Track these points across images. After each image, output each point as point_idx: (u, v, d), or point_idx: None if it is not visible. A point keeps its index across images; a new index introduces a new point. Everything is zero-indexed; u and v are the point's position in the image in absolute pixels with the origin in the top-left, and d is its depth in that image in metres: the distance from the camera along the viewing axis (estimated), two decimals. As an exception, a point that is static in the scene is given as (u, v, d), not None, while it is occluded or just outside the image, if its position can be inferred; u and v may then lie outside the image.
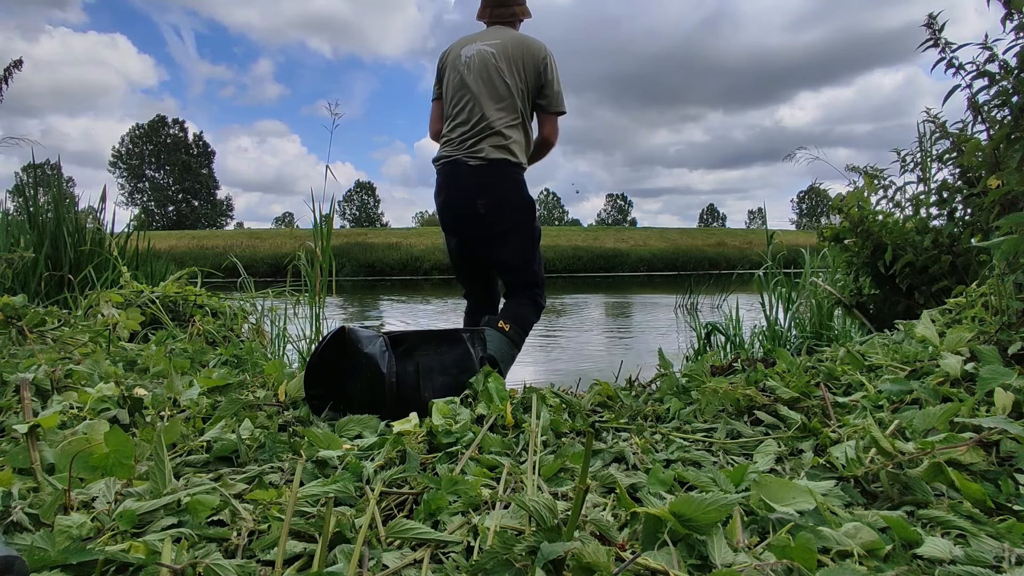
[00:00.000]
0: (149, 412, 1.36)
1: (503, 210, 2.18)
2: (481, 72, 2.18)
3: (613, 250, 22.55)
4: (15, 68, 4.01)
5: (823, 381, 1.51)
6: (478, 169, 2.14)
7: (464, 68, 2.22)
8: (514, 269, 2.26)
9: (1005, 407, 1.10)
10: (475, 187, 2.16)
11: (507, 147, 2.16)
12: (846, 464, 0.97)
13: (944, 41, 2.23)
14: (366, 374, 1.44)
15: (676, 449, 1.21)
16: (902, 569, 0.69)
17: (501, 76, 2.17)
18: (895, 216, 2.81)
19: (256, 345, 2.66)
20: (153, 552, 0.70)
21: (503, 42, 2.22)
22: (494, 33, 2.28)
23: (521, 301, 2.25)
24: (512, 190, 2.20)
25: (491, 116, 2.15)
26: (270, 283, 4.38)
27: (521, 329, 2.19)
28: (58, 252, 3.43)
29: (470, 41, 2.28)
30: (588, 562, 0.63)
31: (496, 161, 2.14)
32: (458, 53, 2.27)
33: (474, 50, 2.23)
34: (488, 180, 2.15)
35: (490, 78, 2.17)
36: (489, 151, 2.13)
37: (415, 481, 0.97)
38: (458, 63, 2.25)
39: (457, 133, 2.21)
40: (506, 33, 2.26)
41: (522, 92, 2.21)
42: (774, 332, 3.38)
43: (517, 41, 2.23)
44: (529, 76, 2.21)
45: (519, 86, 2.20)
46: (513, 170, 2.19)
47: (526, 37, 2.27)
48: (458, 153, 2.18)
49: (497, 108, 2.16)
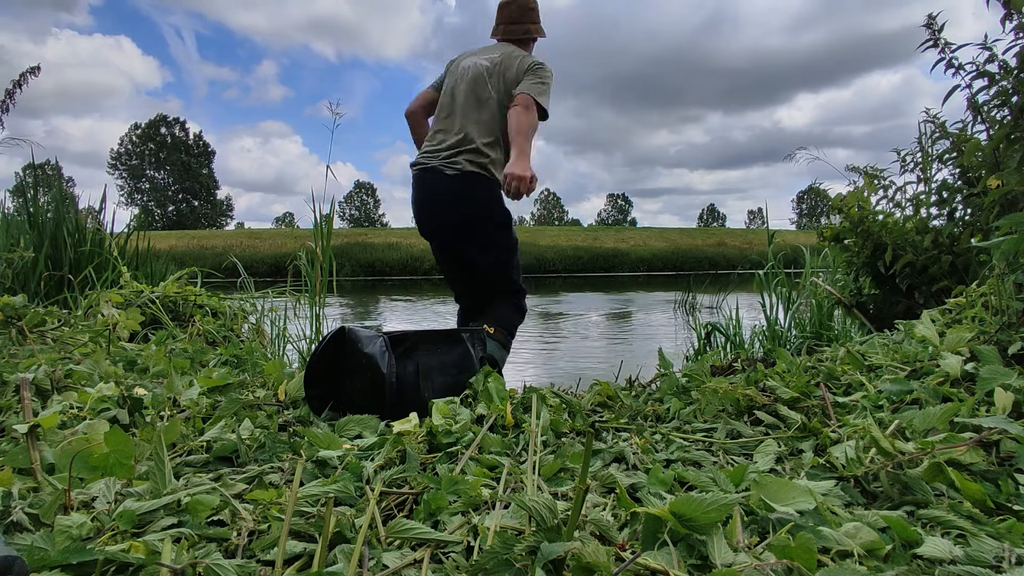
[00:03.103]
0: (149, 412, 1.36)
1: (478, 222, 2.17)
2: (471, 85, 2.18)
3: (613, 250, 22.55)
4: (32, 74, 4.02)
5: (823, 381, 1.51)
6: (454, 179, 2.13)
7: (459, 79, 2.22)
8: (492, 278, 2.25)
9: (1005, 407, 1.10)
10: (451, 198, 2.16)
11: (483, 164, 2.13)
12: (846, 464, 0.97)
13: (944, 41, 2.23)
14: (366, 374, 1.44)
15: (676, 449, 1.21)
16: (902, 569, 0.69)
17: (488, 91, 2.16)
18: (895, 216, 2.81)
19: (256, 345, 2.66)
20: (153, 552, 0.70)
21: (500, 57, 2.20)
22: (497, 49, 2.27)
23: (507, 307, 2.26)
24: (486, 204, 2.17)
25: (471, 131, 2.14)
26: (270, 283, 4.39)
27: (507, 332, 2.20)
28: (58, 252, 3.43)
29: (473, 54, 2.29)
30: (588, 562, 0.63)
31: (471, 174, 2.12)
32: (459, 63, 2.27)
33: (471, 62, 2.23)
34: (463, 192, 2.14)
35: (477, 93, 2.17)
36: (466, 164, 2.12)
37: (415, 481, 0.97)
38: (456, 73, 2.25)
39: (437, 140, 2.21)
40: (508, 51, 2.24)
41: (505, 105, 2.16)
42: (774, 332, 3.38)
43: (514, 57, 2.20)
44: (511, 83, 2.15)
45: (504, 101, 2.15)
46: (489, 186, 2.16)
47: (526, 54, 2.24)
48: (435, 161, 2.18)
49: (479, 123, 2.15)
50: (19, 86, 3.97)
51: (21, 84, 3.97)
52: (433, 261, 17.10)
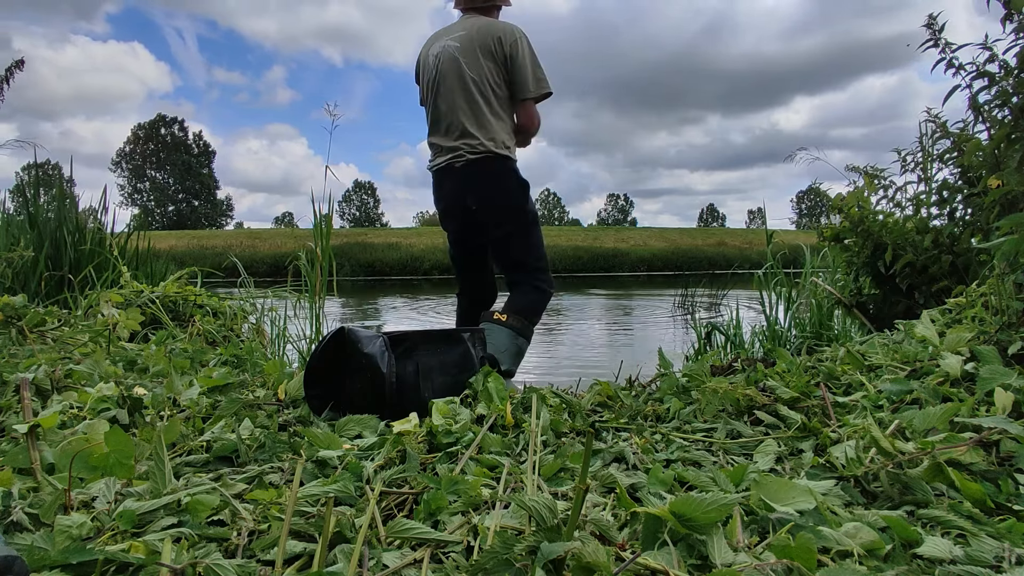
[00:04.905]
0: (149, 412, 1.36)
1: (495, 205, 2.20)
2: (448, 71, 2.16)
3: (613, 250, 22.53)
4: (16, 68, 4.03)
5: (823, 381, 1.51)
6: (463, 170, 2.16)
7: (434, 69, 2.20)
8: (514, 258, 2.26)
9: (1005, 407, 1.10)
10: (464, 188, 2.19)
11: (484, 143, 2.14)
12: (846, 464, 0.97)
13: (944, 42, 2.23)
14: (366, 374, 1.44)
15: (676, 449, 1.21)
16: (902, 569, 0.69)
17: (467, 71, 2.13)
18: (895, 216, 2.81)
19: (256, 345, 2.66)
20: (153, 552, 0.70)
21: (467, 34, 2.16)
22: (461, 24, 2.21)
23: (524, 290, 2.23)
24: (500, 182, 2.19)
25: (463, 116, 2.15)
26: (270, 283, 4.38)
27: (526, 319, 2.17)
28: (58, 252, 3.43)
29: (438, 38, 2.26)
30: (588, 562, 0.63)
31: (477, 160, 2.15)
32: (427, 53, 2.25)
33: (440, 47, 2.20)
34: (475, 179, 2.17)
35: (458, 76, 2.14)
36: (467, 152, 2.15)
37: (415, 481, 0.97)
38: (428, 63, 2.23)
39: (437, 138, 2.23)
40: (472, 23, 2.18)
41: (491, 82, 2.15)
42: (774, 332, 3.37)
43: (482, 30, 2.15)
44: (498, 61, 2.14)
45: (487, 77, 2.14)
46: (497, 163, 2.17)
47: (493, 23, 2.19)
48: (443, 158, 2.21)
49: (468, 106, 2.15)
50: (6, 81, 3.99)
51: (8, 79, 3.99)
52: (433, 261, 16.97)
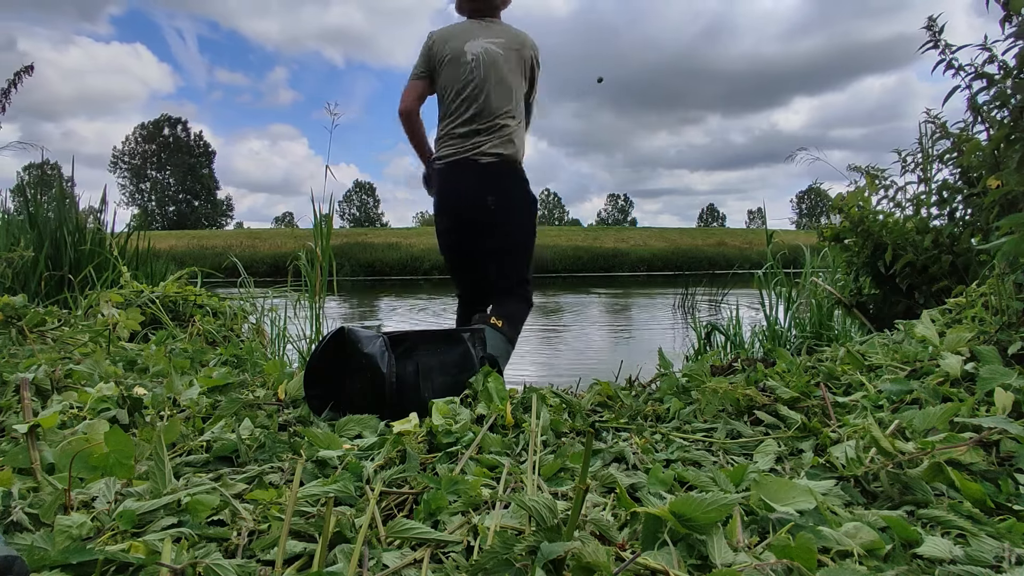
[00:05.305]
0: (149, 412, 1.36)
1: (511, 207, 2.24)
2: (492, 72, 2.20)
3: (613, 250, 22.52)
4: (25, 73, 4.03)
5: (823, 381, 1.51)
6: (488, 167, 2.18)
7: (473, 65, 2.21)
8: (510, 265, 2.28)
9: (1005, 407, 1.10)
10: (486, 185, 2.20)
11: (515, 147, 2.23)
12: (846, 464, 0.97)
13: (944, 43, 2.23)
14: (366, 374, 1.43)
15: (676, 449, 1.21)
16: (902, 569, 0.69)
17: (510, 77, 2.23)
18: (895, 216, 2.81)
19: (256, 345, 2.66)
20: (153, 552, 0.70)
21: (507, 41, 2.26)
22: (494, 30, 2.28)
23: (514, 299, 2.28)
24: (520, 188, 2.28)
25: (501, 117, 2.20)
26: (270, 283, 4.38)
27: (514, 327, 2.21)
28: (58, 252, 3.43)
29: (471, 36, 2.26)
30: (588, 562, 0.63)
31: (506, 159, 2.21)
32: (461, 48, 2.24)
33: (481, 48, 2.22)
34: (498, 178, 2.21)
35: (501, 79, 2.21)
36: (499, 150, 2.19)
37: (415, 481, 0.97)
38: (463, 59, 2.22)
39: (463, 131, 2.21)
40: (506, 31, 2.29)
41: (521, 92, 2.29)
42: (774, 332, 3.38)
43: (518, 40, 2.27)
44: (526, 76, 2.30)
45: (522, 86, 2.28)
46: (520, 169, 2.28)
47: (520, 34, 2.31)
48: (465, 152, 2.20)
49: (506, 108, 2.21)
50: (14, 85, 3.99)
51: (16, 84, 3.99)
52: (433, 261, 16.93)
